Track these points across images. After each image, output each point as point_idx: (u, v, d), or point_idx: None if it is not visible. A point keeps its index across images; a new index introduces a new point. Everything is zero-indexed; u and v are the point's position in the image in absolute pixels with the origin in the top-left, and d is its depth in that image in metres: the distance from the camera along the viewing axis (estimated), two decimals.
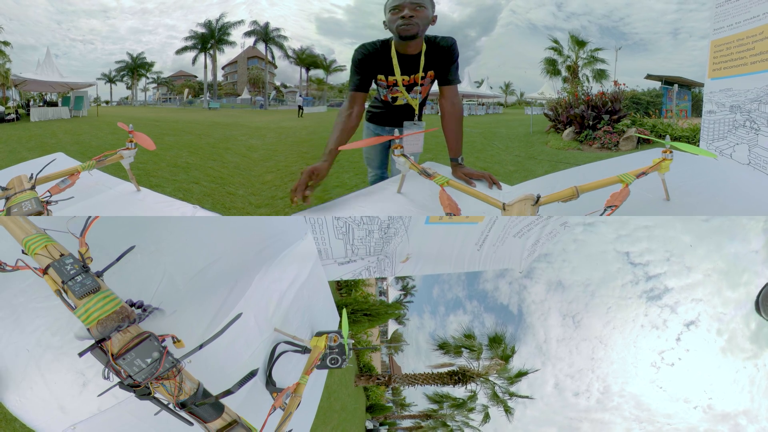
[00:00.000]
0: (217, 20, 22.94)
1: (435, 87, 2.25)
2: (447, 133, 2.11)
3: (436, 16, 2.04)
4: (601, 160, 2.22)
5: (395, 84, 2.17)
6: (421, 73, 2.13)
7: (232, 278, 1.26)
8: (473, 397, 13.38)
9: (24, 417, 1.12)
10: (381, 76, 2.15)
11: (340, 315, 1.67)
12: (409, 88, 2.19)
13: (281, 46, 23.43)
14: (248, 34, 22.91)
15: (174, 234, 1.32)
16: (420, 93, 2.23)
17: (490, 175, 1.97)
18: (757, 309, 1.50)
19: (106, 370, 0.90)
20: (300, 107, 18.34)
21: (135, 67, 25.28)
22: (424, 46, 2.07)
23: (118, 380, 0.91)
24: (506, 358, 12.73)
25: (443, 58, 2.10)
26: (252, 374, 1.02)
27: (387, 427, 18.01)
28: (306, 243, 1.44)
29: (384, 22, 2.06)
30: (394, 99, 2.26)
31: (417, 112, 2.32)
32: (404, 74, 2.14)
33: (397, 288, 23.46)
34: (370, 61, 2.09)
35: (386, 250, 1.96)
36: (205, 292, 1.23)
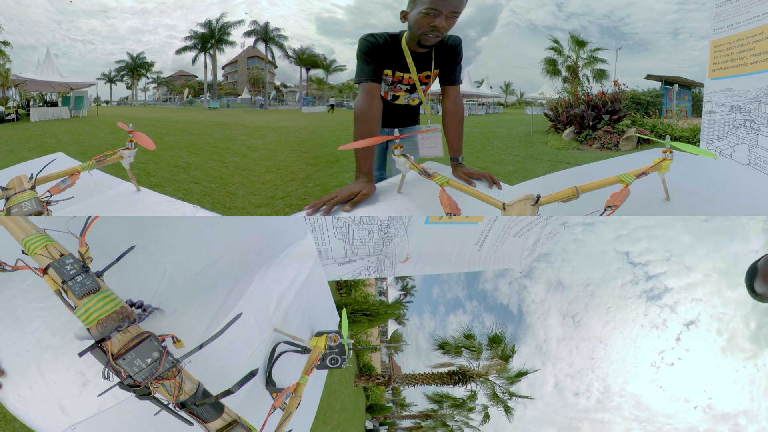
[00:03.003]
0: (217, 20, 22.96)
1: (433, 87, 2.22)
2: (448, 133, 2.08)
3: None
4: (601, 160, 2.22)
5: (400, 81, 2.07)
6: (432, 71, 2.07)
7: (232, 278, 1.26)
8: (473, 397, 13.39)
9: (24, 417, 1.12)
10: (387, 71, 2.03)
11: (340, 315, 1.67)
12: (412, 88, 2.13)
13: (281, 46, 23.44)
14: (248, 33, 22.93)
15: (174, 234, 1.32)
16: (424, 92, 2.18)
17: (491, 175, 1.96)
18: (750, 280, 1.40)
19: (106, 370, 0.90)
20: (332, 105, 20.28)
21: (135, 67, 25.28)
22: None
23: (118, 380, 0.91)
24: (506, 358, 12.74)
25: (450, 57, 2.04)
26: (252, 374, 1.02)
27: (387, 427, 18.01)
28: (306, 243, 1.44)
29: (404, 12, 1.89)
30: (395, 97, 2.17)
31: (427, 109, 2.26)
32: (417, 71, 2.05)
33: (396, 288, 23.47)
34: (380, 52, 1.93)
35: (386, 250, 1.97)
36: (205, 292, 1.23)
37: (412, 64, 2.00)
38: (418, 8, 1.79)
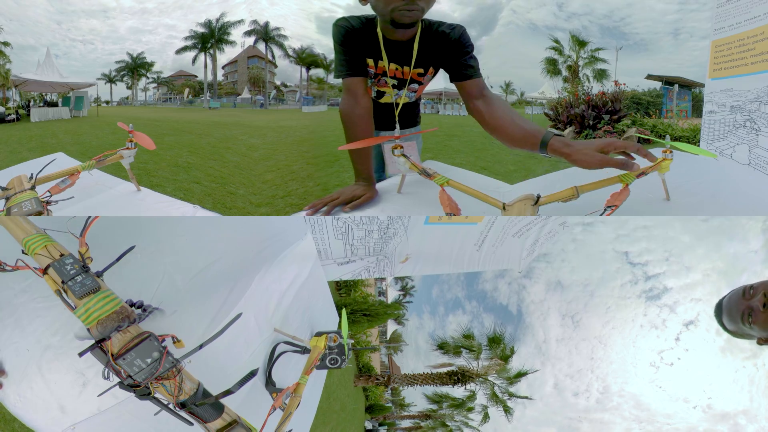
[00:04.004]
0: (217, 20, 22.97)
1: (431, 86, 1.99)
2: (508, 128, 1.49)
3: None
4: None
5: (384, 73, 1.74)
6: (417, 69, 1.74)
7: (232, 278, 1.26)
8: (472, 397, 13.40)
9: (24, 417, 1.13)
10: (370, 60, 1.69)
11: (340, 315, 1.68)
12: (401, 84, 1.78)
13: (281, 46, 23.44)
14: (248, 33, 22.94)
15: (174, 234, 1.32)
16: (415, 92, 1.89)
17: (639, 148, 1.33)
18: (718, 315, 1.42)
19: (106, 370, 0.90)
20: None
21: (135, 67, 25.30)
22: (419, 32, 1.63)
23: (118, 380, 0.91)
24: (505, 358, 12.75)
25: (451, 50, 1.67)
26: (252, 374, 1.02)
27: (386, 427, 18.02)
28: (306, 243, 1.44)
29: None
30: (380, 94, 1.85)
31: (397, 115, 1.86)
32: (392, 62, 1.70)
33: (396, 288, 23.49)
34: (358, 38, 1.62)
35: (385, 250, 1.96)
36: (205, 292, 1.23)
37: (384, 52, 1.66)
38: None
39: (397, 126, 1.84)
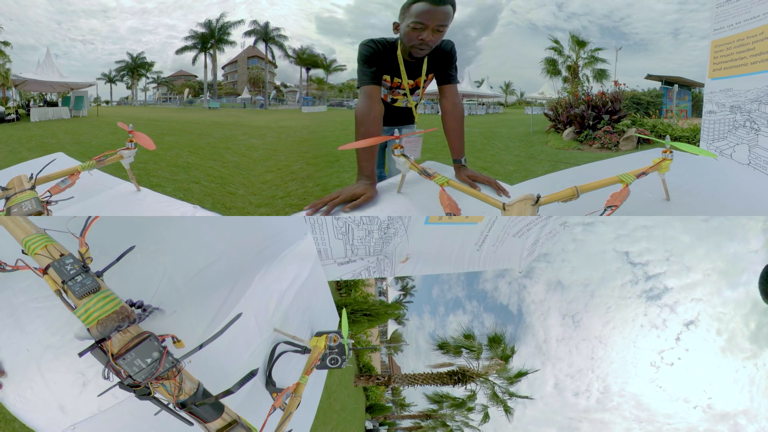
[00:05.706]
0: (217, 20, 22.93)
1: (431, 87, 2.25)
2: (449, 134, 2.06)
3: None
4: (601, 160, 2.22)
5: (398, 86, 2.14)
6: (423, 77, 2.12)
7: (232, 278, 1.26)
8: (473, 397, 13.39)
9: (24, 417, 1.12)
10: (386, 76, 2.11)
11: (340, 315, 1.68)
12: (412, 91, 2.18)
13: (281, 46, 23.42)
14: (248, 33, 22.90)
15: (174, 234, 1.32)
16: (419, 95, 2.22)
17: (497, 182, 1.91)
18: (763, 283, 1.38)
19: (106, 370, 0.90)
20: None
21: (135, 67, 25.28)
22: None
23: (118, 380, 0.91)
24: (506, 358, 12.74)
25: (444, 61, 2.08)
26: (252, 374, 1.02)
27: (387, 427, 18.01)
28: (306, 243, 1.44)
29: (396, 24, 1.96)
30: (394, 100, 2.25)
31: (416, 113, 2.28)
32: (409, 78, 2.11)
33: (396, 288, 23.49)
34: (379, 58, 1.99)
35: (386, 250, 1.96)
36: (205, 292, 1.23)
37: (405, 72, 2.06)
38: (406, 21, 1.86)
39: (415, 125, 2.33)
